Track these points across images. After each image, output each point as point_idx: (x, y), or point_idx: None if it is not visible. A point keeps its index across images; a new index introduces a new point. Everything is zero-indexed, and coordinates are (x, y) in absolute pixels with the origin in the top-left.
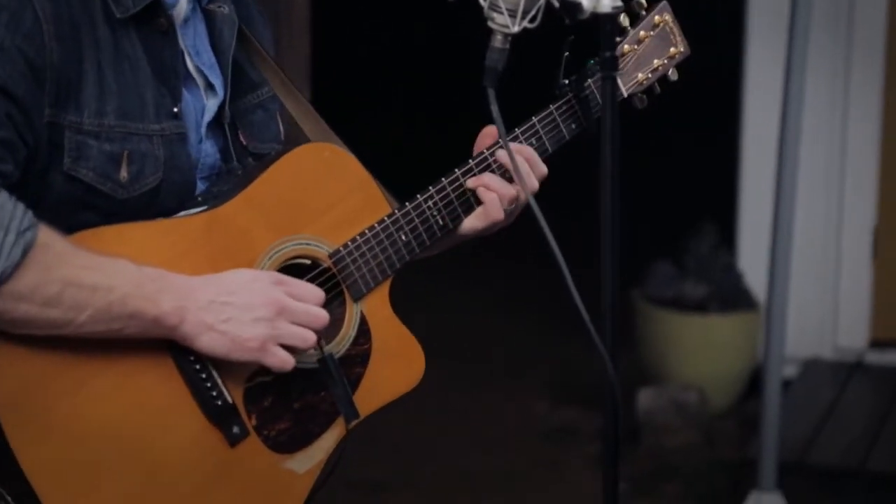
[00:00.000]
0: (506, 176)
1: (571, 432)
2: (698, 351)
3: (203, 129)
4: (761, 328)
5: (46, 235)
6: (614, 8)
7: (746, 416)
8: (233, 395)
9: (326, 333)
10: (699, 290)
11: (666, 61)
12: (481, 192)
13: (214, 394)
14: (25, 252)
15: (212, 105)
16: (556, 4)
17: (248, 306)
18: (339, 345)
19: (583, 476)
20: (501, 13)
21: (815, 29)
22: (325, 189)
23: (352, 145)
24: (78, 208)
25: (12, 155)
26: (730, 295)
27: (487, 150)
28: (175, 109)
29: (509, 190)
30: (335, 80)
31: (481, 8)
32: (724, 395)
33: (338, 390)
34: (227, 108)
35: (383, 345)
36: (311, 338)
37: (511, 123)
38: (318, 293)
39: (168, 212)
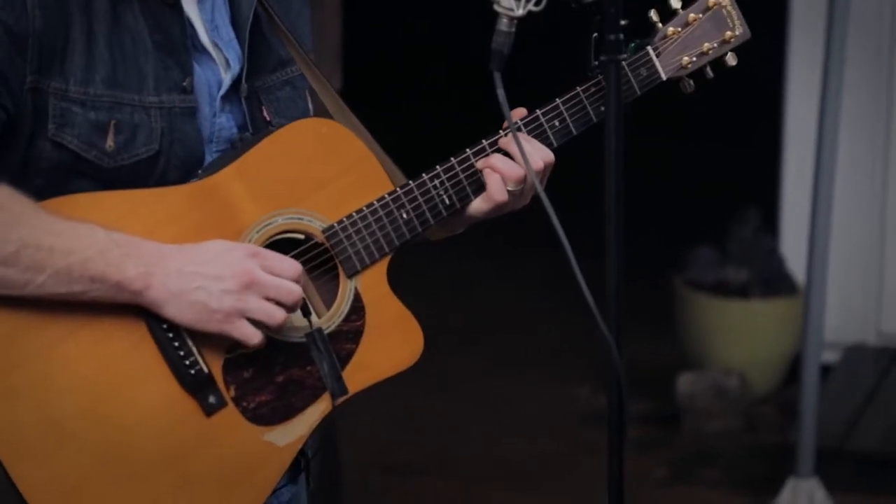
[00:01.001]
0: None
1: None
2: (739, 336)
3: (217, 104)
4: (803, 313)
5: (5, 195)
6: None
7: (788, 401)
8: (211, 364)
9: (318, 308)
10: (741, 275)
11: (717, 45)
12: (486, 173)
13: (188, 363)
14: None
15: (227, 79)
16: None
17: (217, 277)
18: (330, 320)
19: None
20: None
21: (856, 15)
22: (322, 164)
23: (382, 127)
24: (70, 176)
25: None
26: (772, 280)
27: (503, 130)
28: (184, 83)
29: (515, 171)
30: (366, 62)
31: None
32: (765, 380)
33: (325, 365)
34: (243, 81)
35: (378, 322)
36: (279, 315)
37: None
38: (294, 268)
39: (170, 184)
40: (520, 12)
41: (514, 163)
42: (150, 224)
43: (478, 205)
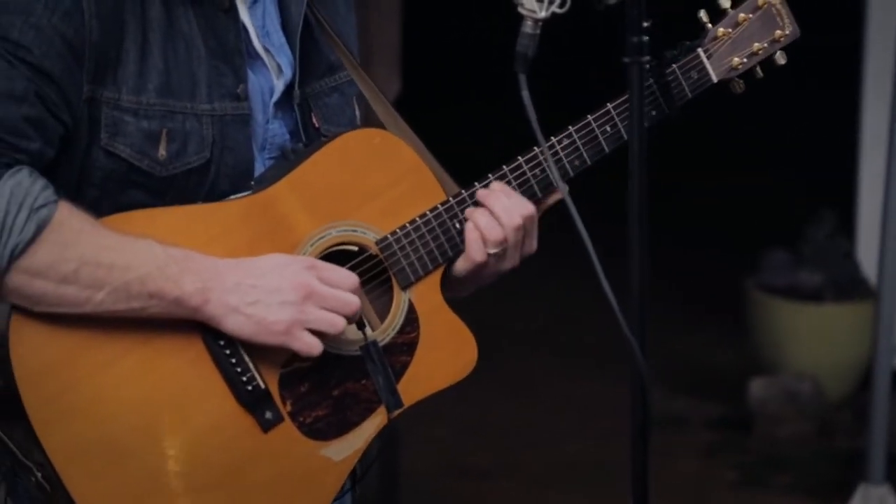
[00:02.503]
0: (526, 193)
1: (682, 422)
2: (813, 340)
3: (270, 110)
4: None
5: (65, 213)
6: None
7: (862, 407)
8: (267, 379)
9: (372, 321)
10: (815, 279)
11: (767, 44)
12: (467, 229)
13: (245, 378)
14: (39, 229)
15: (280, 85)
16: None
17: (275, 289)
18: (384, 333)
19: (693, 465)
20: None
21: None
22: (374, 175)
23: (437, 133)
24: (124, 186)
25: (40, 133)
26: (846, 284)
27: (537, 148)
28: (238, 90)
29: (496, 232)
30: (425, 66)
31: None
32: (839, 385)
33: (380, 378)
34: (296, 88)
35: (432, 334)
36: (340, 323)
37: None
38: (351, 279)
39: (221, 193)
40: (543, 14)
41: (496, 223)
42: (205, 239)
43: (458, 264)
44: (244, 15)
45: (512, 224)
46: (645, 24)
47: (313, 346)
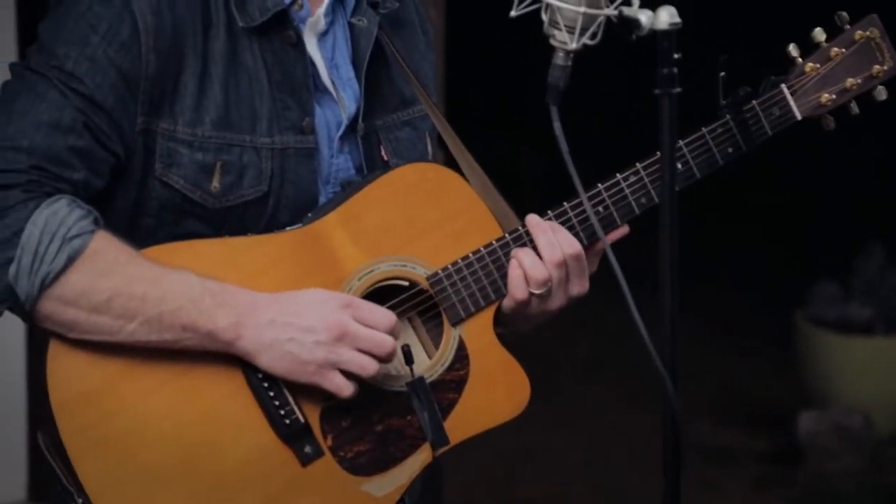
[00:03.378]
0: (580, 235)
1: (731, 454)
2: (863, 374)
3: (336, 144)
4: None
5: (101, 243)
6: (671, 24)
7: None
8: (307, 413)
9: (421, 357)
10: (865, 312)
11: (862, 80)
12: (510, 266)
13: (283, 412)
14: (71, 259)
15: (345, 118)
16: (615, 21)
17: (309, 328)
18: (433, 369)
19: (742, 498)
20: (560, 30)
21: None
22: (428, 209)
23: (484, 162)
24: (180, 216)
25: (86, 163)
26: None
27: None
28: (303, 123)
29: (538, 271)
30: (469, 95)
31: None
32: (889, 419)
33: (426, 415)
34: (360, 121)
35: (482, 371)
36: (372, 366)
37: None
38: (388, 319)
39: (282, 225)
40: (574, 46)
41: (539, 261)
42: (250, 271)
43: (504, 302)
44: (312, 49)
45: (554, 260)
46: (676, 56)
47: (343, 388)
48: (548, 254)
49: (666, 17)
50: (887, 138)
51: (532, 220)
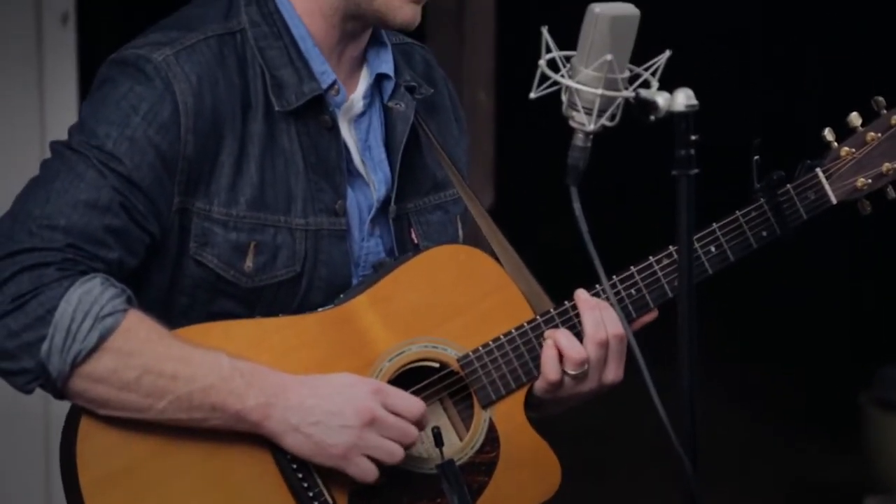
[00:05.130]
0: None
1: None
2: None
3: (367, 227)
4: None
5: (133, 322)
6: (688, 106)
7: None
8: (336, 496)
9: (451, 439)
10: None
11: None
12: (545, 346)
13: (312, 494)
14: (103, 337)
15: (376, 201)
16: (633, 102)
17: (337, 412)
18: (463, 451)
19: None
20: (579, 111)
21: None
22: (458, 291)
23: (530, 245)
24: (214, 295)
25: (121, 243)
26: None
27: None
28: (336, 206)
29: (575, 351)
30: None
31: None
32: None
33: (456, 498)
34: (392, 203)
35: (513, 454)
36: (398, 453)
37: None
38: (416, 407)
39: (314, 306)
40: (592, 127)
41: (577, 342)
42: (281, 351)
43: (537, 383)
44: (346, 133)
45: (597, 338)
46: (693, 138)
47: (368, 473)
48: (592, 331)
49: (683, 98)
50: None
51: (581, 295)
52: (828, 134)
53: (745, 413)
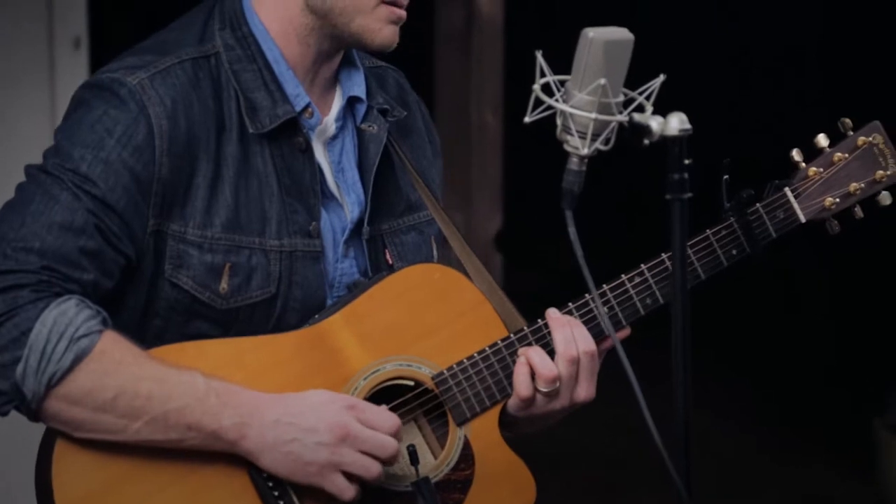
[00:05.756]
0: (594, 330)
1: None
2: None
3: (341, 248)
4: None
5: (108, 343)
6: (681, 131)
7: None
8: None
9: (426, 457)
10: None
11: (865, 185)
12: (517, 363)
13: None
14: (78, 358)
15: (349, 223)
16: (626, 126)
17: (311, 429)
18: (438, 469)
19: None
20: (573, 135)
21: None
22: (434, 310)
23: (537, 267)
24: (189, 316)
25: (96, 265)
26: None
27: (589, 294)
28: (310, 228)
29: (547, 369)
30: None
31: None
32: None
33: None
34: (365, 225)
35: (487, 471)
36: (374, 468)
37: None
38: (391, 421)
39: (289, 327)
40: (586, 151)
41: (549, 360)
42: (256, 370)
43: (510, 400)
44: (320, 155)
45: (567, 355)
46: (686, 162)
47: (345, 490)
48: (562, 349)
49: (676, 123)
50: None
51: (551, 313)
52: (795, 154)
53: (752, 436)
